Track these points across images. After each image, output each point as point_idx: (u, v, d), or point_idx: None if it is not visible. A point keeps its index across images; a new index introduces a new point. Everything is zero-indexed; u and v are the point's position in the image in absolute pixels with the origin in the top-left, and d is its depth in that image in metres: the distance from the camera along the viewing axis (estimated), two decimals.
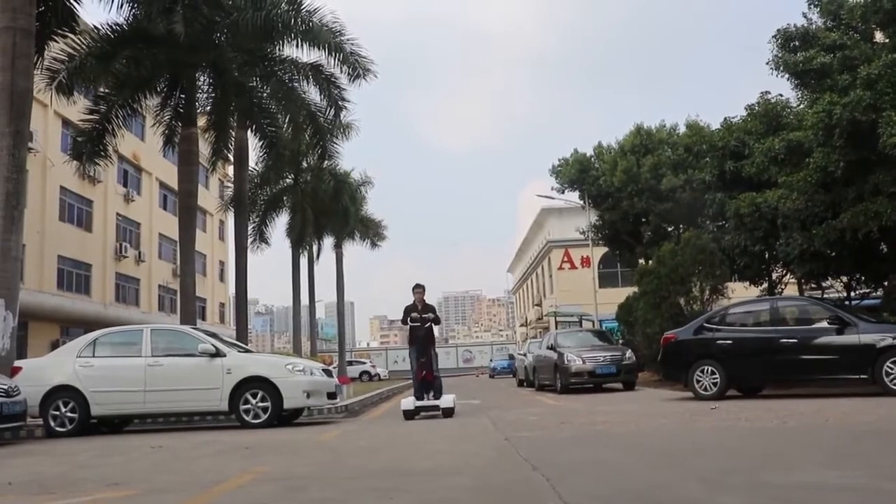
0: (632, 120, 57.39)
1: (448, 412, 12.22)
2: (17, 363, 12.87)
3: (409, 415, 12.22)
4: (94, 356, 12.23)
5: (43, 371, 12.29)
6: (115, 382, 11.91)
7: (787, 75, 17.48)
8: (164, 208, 46.19)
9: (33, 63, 15.30)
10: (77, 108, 23.05)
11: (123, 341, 12.61)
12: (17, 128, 14.11)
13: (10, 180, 13.84)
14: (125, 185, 41.82)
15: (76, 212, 37.15)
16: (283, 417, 12.18)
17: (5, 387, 10.72)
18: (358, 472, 6.14)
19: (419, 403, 12.33)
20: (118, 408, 12.12)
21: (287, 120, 23.27)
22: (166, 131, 22.70)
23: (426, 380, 12.51)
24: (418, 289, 12.70)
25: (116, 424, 12.92)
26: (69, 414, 11.86)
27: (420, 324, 12.50)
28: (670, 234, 27.30)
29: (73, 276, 36.49)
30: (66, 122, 33.07)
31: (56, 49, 18.63)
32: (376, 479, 5.63)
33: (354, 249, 43.85)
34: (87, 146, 21.09)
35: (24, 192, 14.43)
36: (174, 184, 23.70)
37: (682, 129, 28.59)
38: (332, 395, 12.96)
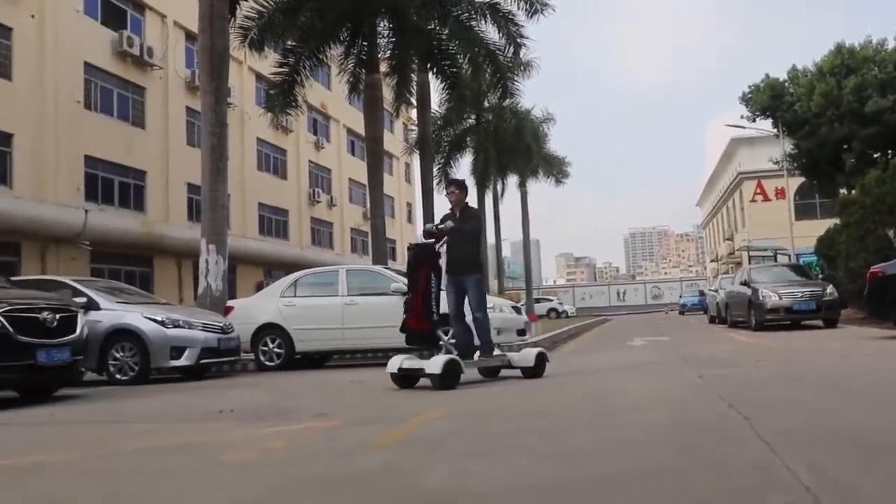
0: (829, 42, 52.99)
1: (441, 382, 7.62)
2: (229, 303, 13.99)
3: (397, 380, 8.15)
4: (295, 296, 13.05)
5: (251, 310, 13.25)
6: (315, 320, 12.65)
7: None
8: (352, 154, 47.88)
9: (228, 23, 16.20)
10: (268, 63, 24.20)
11: (321, 282, 13.35)
12: (217, 85, 15.07)
13: (213, 134, 14.86)
14: (315, 134, 43.67)
15: (272, 161, 39.31)
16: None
17: (221, 324, 11.70)
18: (545, 408, 6.23)
19: (406, 365, 8.09)
20: (319, 344, 12.88)
21: (466, 60, 23.33)
22: (351, 79, 23.42)
23: (409, 327, 8.26)
24: (452, 187, 8.82)
25: (317, 359, 13.75)
26: (276, 350, 12.77)
27: (434, 240, 8.35)
28: (876, 160, 25.25)
29: (273, 221, 38.83)
30: (259, 77, 34.79)
31: (247, 8, 19.61)
32: (564, 415, 5.70)
33: (538, 187, 43.80)
34: (279, 98, 22.16)
35: (226, 145, 15.41)
36: (361, 130, 24.50)
37: (891, 45, 26.14)
38: (521, 332, 13.14)
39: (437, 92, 25.49)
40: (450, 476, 3.69)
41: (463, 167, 40.56)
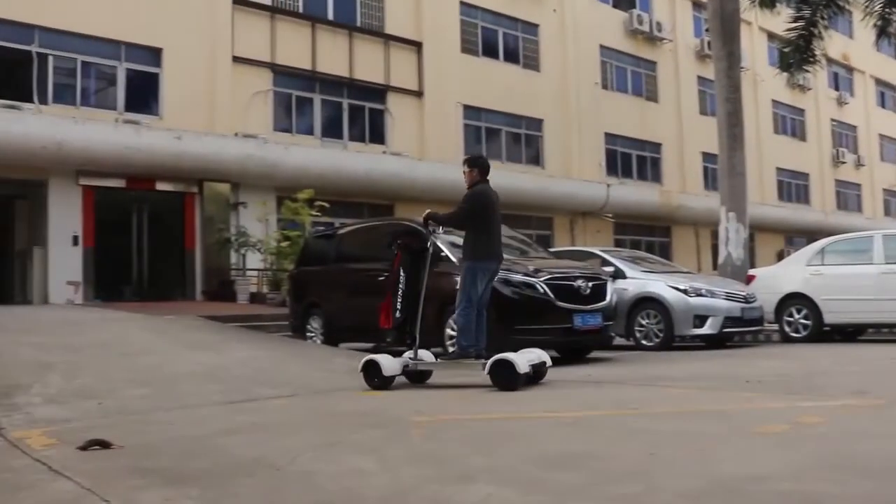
0: None
1: (366, 382, 7.11)
2: (750, 272, 13.75)
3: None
4: (822, 264, 12.26)
5: (775, 279, 12.80)
6: (846, 290, 11.73)
7: None
8: (882, 106, 43.17)
9: None
10: (780, 20, 23.04)
11: (853, 248, 12.35)
12: (729, 50, 14.89)
13: (728, 101, 14.72)
14: (836, 89, 40.39)
15: (789, 123, 37.46)
16: None
17: (743, 294, 11.58)
18: None
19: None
20: (850, 316, 11.93)
21: None
22: (878, 22, 21.09)
23: (380, 325, 7.46)
24: (463, 166, 7.54)
25: (849, 333, 12.78)
26: (802, 321, 12.14)
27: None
28: None
29: (792, 186, 37.06)
30: (770, 36, 33.39)
31: None
32: None
33: None
34: (795, 55, 20.89)
35: (741, 110, 15.13)
36: (891, 78, 22.06)
37: None
38: None
39: None
40: None
41: None
